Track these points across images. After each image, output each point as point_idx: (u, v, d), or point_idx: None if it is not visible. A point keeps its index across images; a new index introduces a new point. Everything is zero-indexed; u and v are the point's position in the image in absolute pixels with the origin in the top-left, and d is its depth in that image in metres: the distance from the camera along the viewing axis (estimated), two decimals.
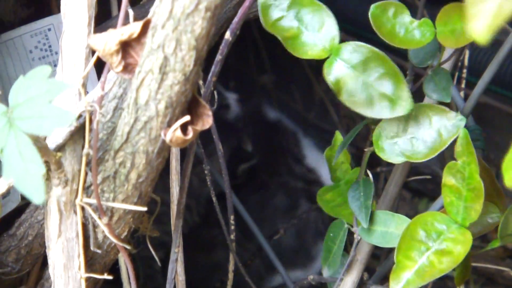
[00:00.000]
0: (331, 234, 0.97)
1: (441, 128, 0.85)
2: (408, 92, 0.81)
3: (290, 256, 1.69)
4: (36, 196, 0.58)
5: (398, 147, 0.86)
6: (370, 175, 0.94)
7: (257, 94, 1.97)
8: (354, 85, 0.82)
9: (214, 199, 1.08)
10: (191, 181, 1.24)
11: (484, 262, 1.42)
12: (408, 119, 0.86)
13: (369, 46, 0.82)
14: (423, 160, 0.86)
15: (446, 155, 0.92)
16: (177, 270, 0.92)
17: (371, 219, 0.91)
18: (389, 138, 0.87)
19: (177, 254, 0.86)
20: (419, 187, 1.82)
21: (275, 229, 1.55)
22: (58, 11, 0.99)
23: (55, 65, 1.04)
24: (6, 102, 0.63)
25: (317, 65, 0.85)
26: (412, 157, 0.86)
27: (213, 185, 1.07)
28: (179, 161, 0.98)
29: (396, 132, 0.86)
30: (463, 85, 1.19)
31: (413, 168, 1.03)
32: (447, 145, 0.84)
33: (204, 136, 0.91)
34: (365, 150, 0.92)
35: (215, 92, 0.89)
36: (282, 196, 1.75)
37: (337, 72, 0.82)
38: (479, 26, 0.45)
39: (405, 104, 0.81)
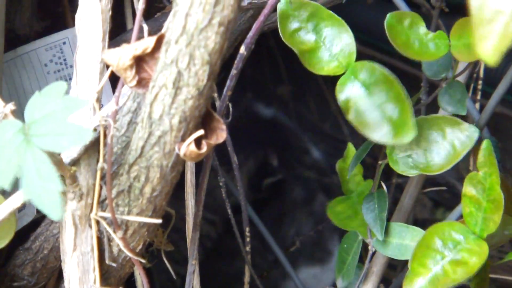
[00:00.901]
0: (345, 245, 0.97)
1: (454, 140, 0.84)
2: (413, 119, 0.79)
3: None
4: (54, 213, 0.59)
5: (411, 160, 0.86)
6: (385, 187, 0.94)
7: (276, 105, 1.97)
8: (363, 106, 0.81)
9: (229, 211, 1.08)
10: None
11: (503, 274, 1.41)
12: (422, 132, 0.85)
13: (381, 67, 0.81)
14: (438, 173, 0.86)
15: (461, 167, 0.92)
16: (193, 283, 0.92)
17: (386, 231, 0.90)
18: (402, 151, 0.87)
19: (194, 266, 0.86)
20: (436, 197, 1.81)
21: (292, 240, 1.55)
22: (73, 24, 0.99)
23: (70, 79, 1.05)
24: (21, 116, 0.63)
25: (330, 77, 0.85)
26: (426, 169, 0.86)
27: (231, 197, 1.07)
28: (194, 174, 0.98)
29: (410, 145, 0.86)
30: (478, 96, 1.18)
31: (429, 179, 1.02)
32: (461, 157, 0.84)
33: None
34: (379, 162, 0.92)
35: (230, 105, 0.89)
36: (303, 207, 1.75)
37: (349, 91, 0.81)
38: (487, 47, 0.45)
39: (408, 131, 0.79)
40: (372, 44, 1.60)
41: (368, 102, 0.81)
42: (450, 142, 0.85)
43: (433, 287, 0.80)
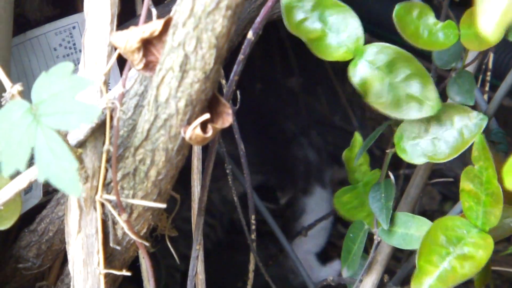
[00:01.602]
0: (351, 235, 0.97)
1: (463, 127, 0.84)
2: (436, 92, 0.80)
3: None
4: (73, 190, 0.59)
5: (420, 148, 0.86)
6: (392, 177, 0.94)
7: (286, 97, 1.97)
8: (380, 86, 0.81)
9: (235, 199, 1.08)
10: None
11: (507, 266, 1.41)
12: (430, 120, 0.85)
13: (394, 47, 0.82)
14: (445, 161, 0.86)
15: (469, 160, 0.92)
16: (197, 268, 0.92)
17: (392, 221, 0.90)
18: (410, 139, 0.87)
19: (198, 251, 0.87)
20: (443, 191, 1.81)
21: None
22: (83, 9, 0.99)
23: (79, 63, 1.05)
24: (29, 99, 0.63)
25: (341, 68, 0.85)
26: (434, 157, 0.86)
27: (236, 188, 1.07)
28: (201, 160, 0.98)
29: (418, 133, 0.86)
30: (487, 88, 1.18)
31: (436, 171, 1.02)
32: (469, 145, 0.84)
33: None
34: (387, 151, 0.92)
35: (238, 93, 0.89)
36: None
37: (362, 73, 0.82)
38: (489, 23, 0.45)
39: (433, 104, 0.80)
40: (382, 36, 1.60)
41: (384, 82, 0.81)
42: (458, 130, 0.85)
43: (443, 284, 0.80)
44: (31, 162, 0.62)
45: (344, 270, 0.98)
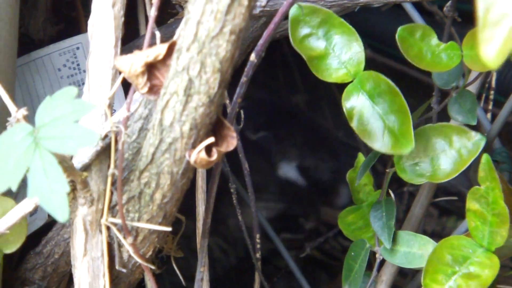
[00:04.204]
0: (352, 253, 0.96)
1: (461, 148, 0.85)
2: (412, 132, 0.80)
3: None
4: (60, 214, 0.59)
5: (419, 168, 0.86)
6: (392, 195, 0.94)
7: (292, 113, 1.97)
8: (367, 115, 0.82)
9: (239, 217, 1.08)
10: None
11: (511, 284, 1.40)
12: (429, 140, 0.86)
13: (386, 79, 0.82)
14: (445, 181, 0.86)
15: (473, 176, 0.92)
16: None
17: (394, 239, 0.90)
18: (410, 159, 0.87)
19: (202, 273, 0.87)
20: (447, 205, 1.81)
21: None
22: (87, 29, 1.00)
23: (83, 83, 1.05)
24: (34, 120, 0.64)
25: (344, 85, 0.86)
26: (433, 177, 0.86)
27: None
28: (205, 180, 0.98)
29: (417, 153, 0.86)
30: (490, 106, 1.18)
31: (440, 187, 1.02)
32: (467, 165, 0.84)
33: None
34: (387, 170, 0.92)
35: (242, 112, 0.89)
36: None
37: (355, 100, 0.82)
38: (491, 51, 0.45)
39: (408, 142, 0.80)
40: (385, 51, 1.60)
41: (371, 112, 0.81)
42: (457, 150, 0.85)
43: None
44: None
45: None
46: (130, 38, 1.05)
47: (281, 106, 1.97)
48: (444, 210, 1.82)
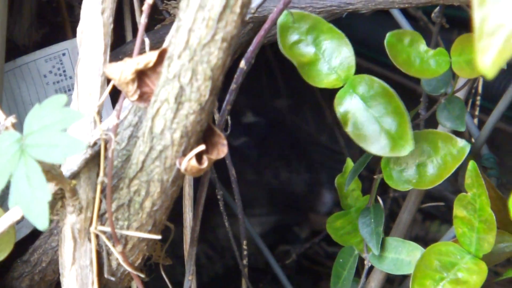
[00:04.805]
0: (341, 260, 0.96)
1: (446, 154, 0.85)
2: (411, 133, 0.80)
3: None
4: (40, 222, 0.59)
5: (405, 175, 0.86)
6: (381, 202, 0.94)
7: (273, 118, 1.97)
8: (362, 119, 0.82)
9: (226, 223, 1.08)
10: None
11: None
12: (415, 146, 0.86)
13: (380, 81, 0.82)
14: (430, 187, 0.86)
15: (461, 182, 0.92)
16: None
17: (382, 246, 0.90)
18: (397, 165, 0.87)
19: (190, 282, 0.86)
20: (431, 210, 1.81)
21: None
22: (73, 35, 0.99)
23: (69, 90, 1.04)
24: (21, 127, 0.63)
25: (328, 90, 0.85)
26: (419, 184, 0.86)
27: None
28: (192, 186, 0.98)
29: (404, 159, 0.86)
30: (477, 112, 1.18)
31: (425, 192, 1.02)
32: (452, 172, 0.84)
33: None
34: (375, 177, 0.92)
35: (229, 119, 0.89)
36: None
37: (348, 104, 0.82)
38: (487, 60, 0.45)
39: (406, 145, 0.80)
40: (370, 58, 1.60)
41: (366, 115, 0.81)
42: (442, 156, 0.85)
43: None
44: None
45: None
46: (115, 44, 1.04)
47: (264, 111, 1.97)
48: (428, 215, 1.82)
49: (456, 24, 0.91)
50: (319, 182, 1.86)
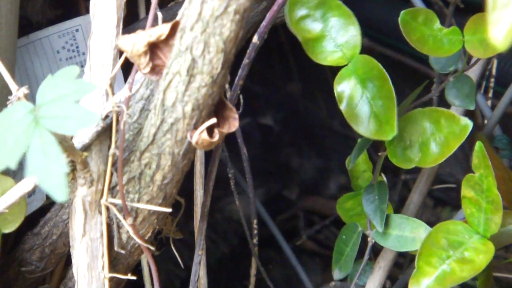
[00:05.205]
0: (343, 237, 0.96)
1: (449, 132, 0.84)
2: (395, 119, 0.80)
3: None
4: (59, 194, 0.58)
5: (409, 152, 0.86)
6: (385, 179, 0.94)
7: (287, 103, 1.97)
8: (356, 99, 0.82)
9: (237, 202, 1.08)
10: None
11: (507, 273, 1.41)
12: (418, 124, 0.85)
13: (378, 64, 0.82)
14: (434, 165, 0.85)
15: (471, 164, 0.92)
16: (199, 273, 0.92)
17: (386, 223, 0.90)
18: (401, 142, 0.87)
19: (200, 256, 0.86)
20: (442, 196, 1.81)
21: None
22: (86, 12, 0.99)
23: (82, 66, 1.05)
24: (33, 101, 0.63)
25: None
26: (422, 162, 0.86)
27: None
28: (204, 164, 0.98)
29: (408, 137, 0.86)
30: (490, 95, 1.18)
31: (437, 177, 1.02)
32: (454, 150, 0.84)
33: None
34: (379, 154, 0.92)
35: (241, 96, 0.89)
36: None
37: (347, 83, 0.82)
38: (499, 32, 0.45)
39: (389, 130, 0.80)
40: (382, 41, 1.60)
41: (361, 96, 0.81)
42: (445, 134, 0.85)
43: (440, 285, 0.80)
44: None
45: (335, 272, 0.98)
46: (128, 21, 1.04)
47: (275, 94, 1.97)
48: (439, 200, 1.82)
49: (471, 9, 0.90)
50: (329, 168, 1.87)
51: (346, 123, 0.84)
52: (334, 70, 0.86)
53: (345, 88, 0.82)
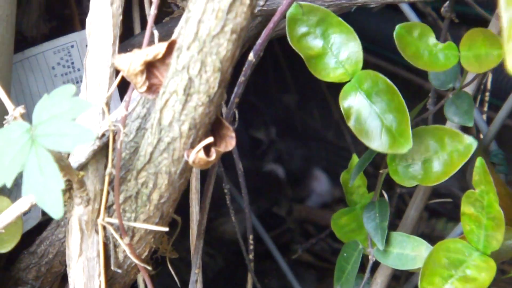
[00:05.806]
0: (345, 254, 0.96)
1: (453, 151, 0.84)
2: (410, 131, 0.80)
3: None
4: (54, 211, 0.59)
5: (411, 170, 0.86)
6: (386, 196, 0.93)
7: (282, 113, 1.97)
8: (365, 114, 0.81)
9: (233, 218, 1.08)
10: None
11: (506, 287, 1.41)
12: (422, 142, 0.85)
13: (384, 78, 0.81)
14: (435, 184, 0.85)
15: (468, 178, 0.92)
16: None
17: (387, 241, 0.90)
18: (403, 160, 0.86)
19: (197, 275, 0.86)
20: (437, 207, 1.81)
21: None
22: (81, 27, 0.99)
23: (77, 82, 1.04)
24: (28, 118, 0.63)
25: (334, 84, 0.85)
26: (424, 180, 0.85)
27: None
28: (199, 180, 0.98)
29: (410, 155, 0.86)
30: (485, 108, 1.18)
31: (432, 189, 1.02)
32: (458, 168, 0.84)
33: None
34: (380, 171, 0.92)
35: (236, 112, 0.89)
36: None
37: (353, 99, 0.82)
38: None
39: (406, 141, 0.80)
40: (377, 53, 1.60)
41: (369, 111, 0.81)
42: (448, 153, 0.84)
43: None
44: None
45: None
46: (123, 37, 1.04)
47: (271, 106, 1.97)
48: (434, 212, 1.82)
49: (465, 21, 0.90)
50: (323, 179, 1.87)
51: (341, 134, 0.84)
52: (329, 83, 0.86)
53: (352, 104, 0.82)
